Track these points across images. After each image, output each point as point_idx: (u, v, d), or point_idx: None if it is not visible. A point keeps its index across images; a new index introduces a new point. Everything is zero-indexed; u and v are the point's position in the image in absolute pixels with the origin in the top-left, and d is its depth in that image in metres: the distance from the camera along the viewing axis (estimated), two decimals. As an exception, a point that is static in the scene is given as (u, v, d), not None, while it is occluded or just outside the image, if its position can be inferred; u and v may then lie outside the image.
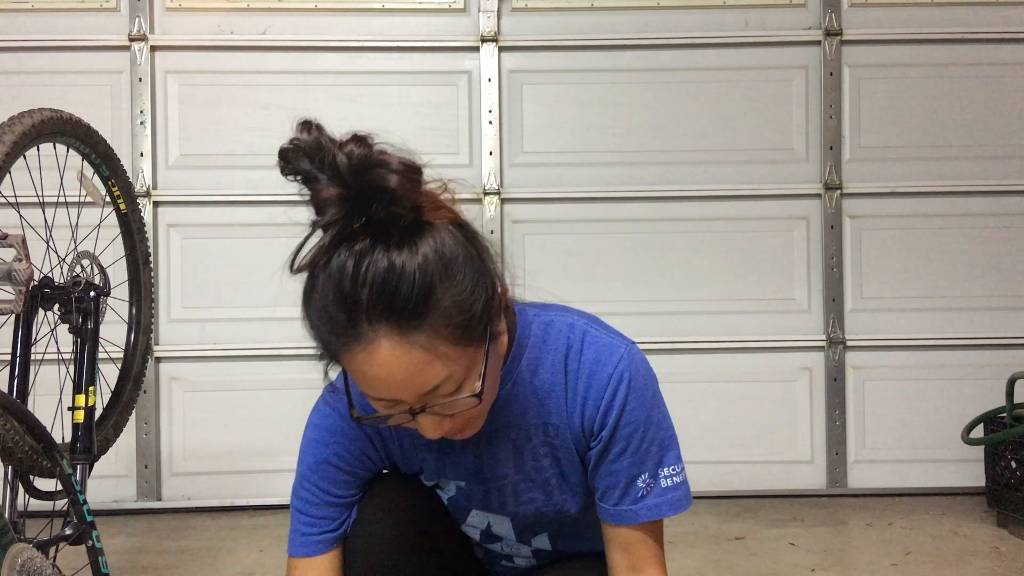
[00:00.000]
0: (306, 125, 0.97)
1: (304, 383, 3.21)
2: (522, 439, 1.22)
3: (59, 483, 1.65)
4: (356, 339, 0.98)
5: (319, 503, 1.24)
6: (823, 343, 3.33)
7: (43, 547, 1.56)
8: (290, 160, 0.97)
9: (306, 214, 0.99)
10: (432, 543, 1.29)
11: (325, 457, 1.23)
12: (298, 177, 0.98)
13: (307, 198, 0.98)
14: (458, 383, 1.02)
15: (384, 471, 1.29)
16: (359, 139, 0.97)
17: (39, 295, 1.89)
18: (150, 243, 2.45)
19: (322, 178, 0.96)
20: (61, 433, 1.92)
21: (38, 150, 1.91)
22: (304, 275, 1.00)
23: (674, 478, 1.21)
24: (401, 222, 0.97)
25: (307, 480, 1.24)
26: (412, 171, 0.98)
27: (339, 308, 0.97)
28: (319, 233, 0.98)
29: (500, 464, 1.23)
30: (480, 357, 1.04)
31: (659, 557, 1.23)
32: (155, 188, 3.27)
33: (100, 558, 1.64)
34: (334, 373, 1.08)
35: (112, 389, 2.23)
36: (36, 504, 1.78)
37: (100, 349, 2.02)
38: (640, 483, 1.19)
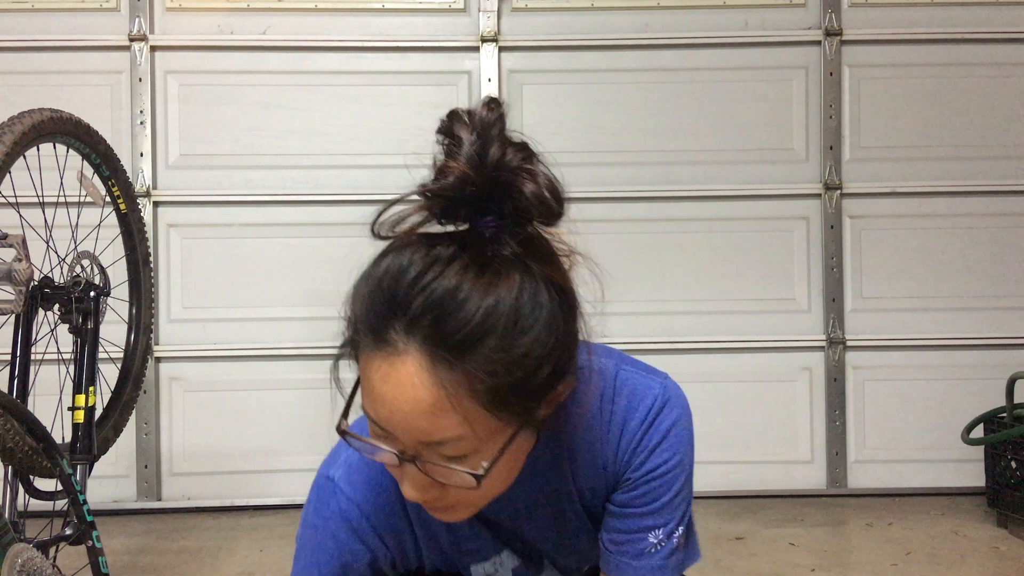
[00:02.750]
0: (494, 102, 0.89)
1: (304, 383, 3.25)
2: (564, 503, 1.07)
3: (59, 483, 1.65)
4: (384, 342, 0.85)
5: None
6: (823, 343, 3.33)
7: (43, 547, 1.56)
8: (455, 120, 0.89)
9: (305, 215, 0.99)
10: None
11: (331, 573, 1.05)
12: (445, 140, 0.89)
13: (435, 162, 0.90)
14: (465, 451, 0.87)
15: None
16: (526, 147, 0.88)
17: (39, 295, 1.89)
18: (150, 243, 2.45)
19: (463, 152, 0.86)
20: (61, 433, 1.92)
21: (38, 150, 1.91)
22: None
23: (684, 536, 1.07)
24: (499, 249, 0.87)
25: None
26: (551, 195, 0.88)
27: (385, 300, 0.85)
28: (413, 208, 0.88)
29: (542, 530, 1.09)
30: (503, 436, 0.88)
31: None
32: (155, 188, 3.27)
33: (100, 558, 1.64)
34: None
35: (112, 389, 2.23)
36: (36, 504, 1.78)
37: (100, 349, 2.02)
38: (652, 538, 1.04)
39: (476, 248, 0.86)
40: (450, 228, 0.89)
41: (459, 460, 0.87)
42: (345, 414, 0.91)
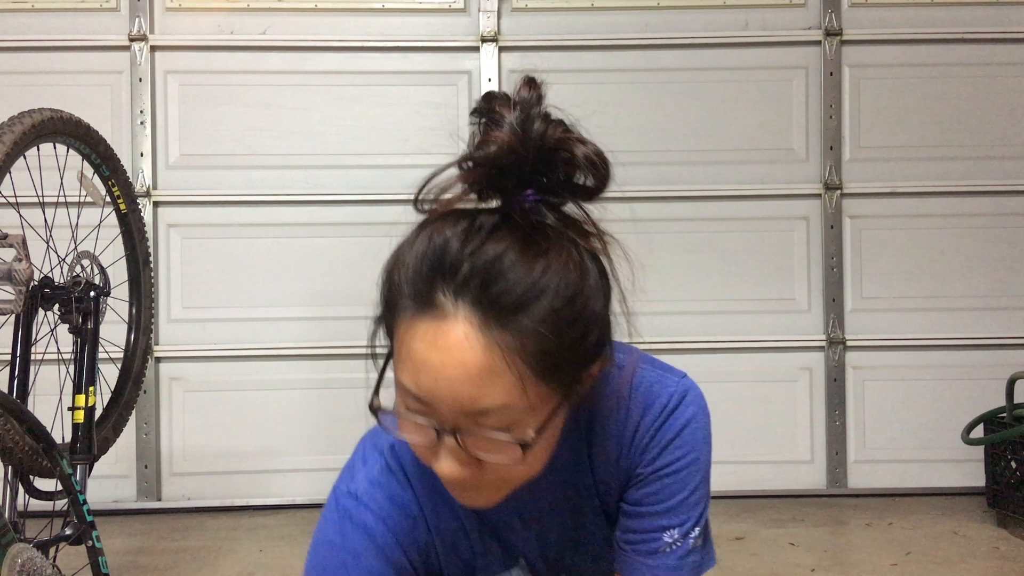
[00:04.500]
0: (532, 81, 0.90)
1: (304, 383, 3.25)
2: (583, 498, 1.06)
3: (59, 483, 1.65)
4: (431, 305, 0.84)
5: None
6: (823, 343, 3.33)
7: (43, 547, 1.56)
8: (494, 100, 0.89)
9: (305, 215, 0.98)
10: None
11: None
12: (482, 119, 0.89)
13: (473, 138, 0.89)
14: (509, 422, 0.86)
15: None
16: (563, 122, 0.90)
17: (39, 295, 1.89)
18: (150, 243, 2.46)
19: (505, 124, 0.86)
20: (61, 433, 1.92)
21: (38, 150, 1.91)
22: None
23: (701, 537, 1.04)
24: (542, 219, 0.88)
25: None
26: (600, 160, 0.90)
27: (432, 266, 0.84)
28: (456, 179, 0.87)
29: (562, 529, 1.08)
30: (548, 406, 0.88)
31: None
32: (155, 188, 3.27)
33: (100, 558, 1.64)
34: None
35: (112, 389, 2.24)
36: (36, 504, 1.78)
37: (100, 349, 2.02)
38: (667, 537, 1.02)
39: (519, 218, 0.87)
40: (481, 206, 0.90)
41: (504, 429, 0.85)
42: (376, 391, 0.90)
